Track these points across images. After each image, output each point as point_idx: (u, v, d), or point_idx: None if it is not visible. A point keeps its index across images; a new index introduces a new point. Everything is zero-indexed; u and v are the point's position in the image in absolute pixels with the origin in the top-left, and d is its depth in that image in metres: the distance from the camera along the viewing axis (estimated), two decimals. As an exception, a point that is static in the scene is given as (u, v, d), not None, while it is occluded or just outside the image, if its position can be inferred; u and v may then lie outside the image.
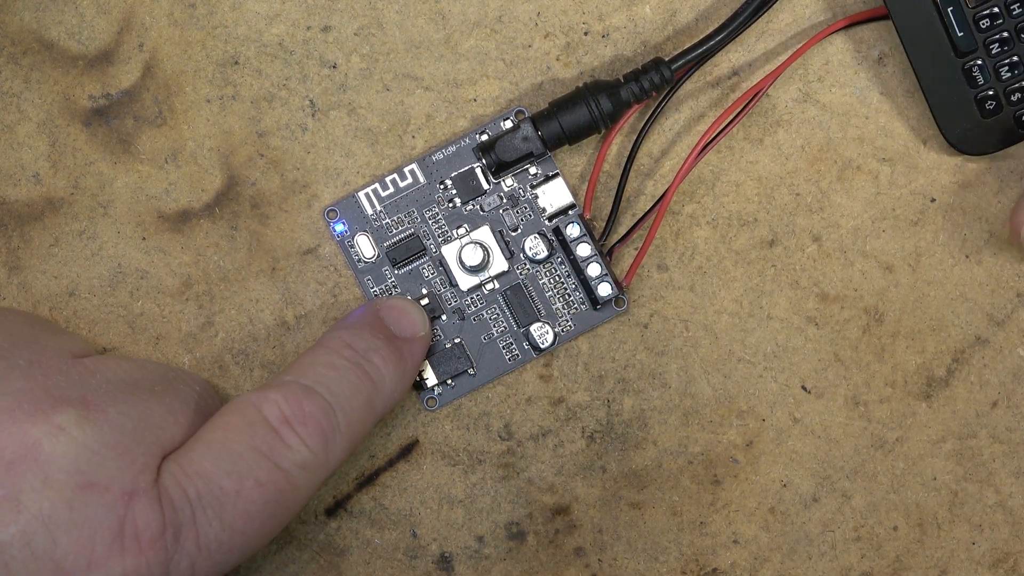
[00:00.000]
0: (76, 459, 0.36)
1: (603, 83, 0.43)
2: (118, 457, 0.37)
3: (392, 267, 0.44)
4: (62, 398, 0.37)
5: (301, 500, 0.40)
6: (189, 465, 0.38)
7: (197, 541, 0.37)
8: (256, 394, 0.40)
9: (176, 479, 0.37)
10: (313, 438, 0.39)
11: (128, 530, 0.36)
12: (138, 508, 0.36)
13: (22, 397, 0.37)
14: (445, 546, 0.45)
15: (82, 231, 0.45)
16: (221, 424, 0.39)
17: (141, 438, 0.38)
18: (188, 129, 0.45)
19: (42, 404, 0.37)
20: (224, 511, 0.38)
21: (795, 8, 0.44)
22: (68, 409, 0.37)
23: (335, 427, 0.40)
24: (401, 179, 0.44)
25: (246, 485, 0.38)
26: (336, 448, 0.40)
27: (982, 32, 0.42)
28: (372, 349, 0.41)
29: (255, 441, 0.39)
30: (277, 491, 0.39)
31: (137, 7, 0.45)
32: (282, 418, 0.39)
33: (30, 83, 0.45)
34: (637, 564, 0.45)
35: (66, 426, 0.37)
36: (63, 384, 0.38)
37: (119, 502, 0.36)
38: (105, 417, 0.37)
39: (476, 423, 0.45)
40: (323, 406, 0.40)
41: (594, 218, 0.45)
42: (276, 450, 0.39)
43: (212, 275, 0.45)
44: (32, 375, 0.38)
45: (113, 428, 0.37)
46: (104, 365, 0.40)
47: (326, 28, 0.45)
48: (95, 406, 0.38)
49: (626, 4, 0.44)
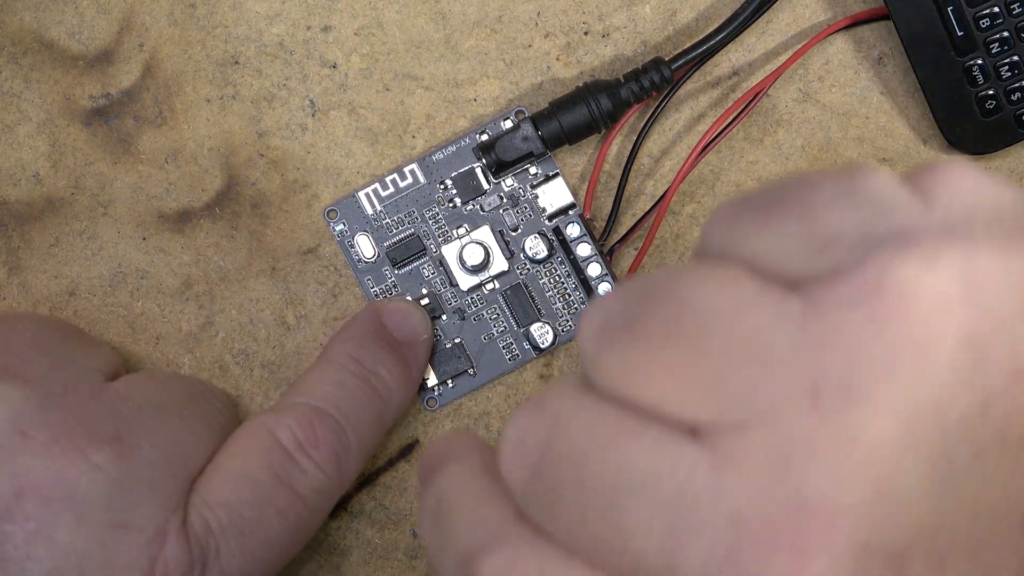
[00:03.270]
0: (111, 498, 0.37)
1: (603, 83, 0.43)
2: (151, 495, 0.37)
3: (392, 267, 0.44)
4: (98, 434, 0.38)
5: (318, 522, 0.40)
6: (211, 496, 0.38)
7: (221, 572, 0.38)
8: (269, 417, 0.40)
9: (199, 511, 0.38)
10: (327, 461, 0.40)
11: (159, 569, 0.37)
12: (169, 548, 0.37)
13: (59, 433, 0.37)
14: (445, 546, 0.45)
15: (82, 231, 0.45)
16: (239, 451, 0.39)
17: (173, 473, 0.38)
18: (188, 129, 0.45)
19: (79, 440, 0.37)
20: (246, 541, 0.38)
21: (795, 8, 0.44)
22: (104, 447, 0.37)
23: (347, 447, 0.40)
24: (401, 179, 0.44)
25: (267, 513, 0.38)
26: (349, 467, 0.40)
27: (982, 32, 0.42)
28: (379, 362, 0.42)
29: (273, 468, 0.39)
30: (296, 517, 0.39)
31: (137, 7, 0.45)
32: (296, 443, 0.39)
33: (30, 83, 0.45)
34: (637, 564, 0.44)
35: (102, 465, 0.37)
36: (98, 416, 0.38)
37: (152, 543, 0.37)
38: (139, 452, 0.38)
39: (476, 423, 0.45)
40: (335, 428, 0.40)
41: (594, 218, 0.45)
42: (293, 476, 0.39)
43: (212, 275, 0.45)
44: (68, 405, 0.38)
45: (146, 464, 0.38)
46: (134, 390, 0.40)
47: (326, 28, 0.45)
48: (129, 441, 0.38)
49: (626, 4, 0.44)
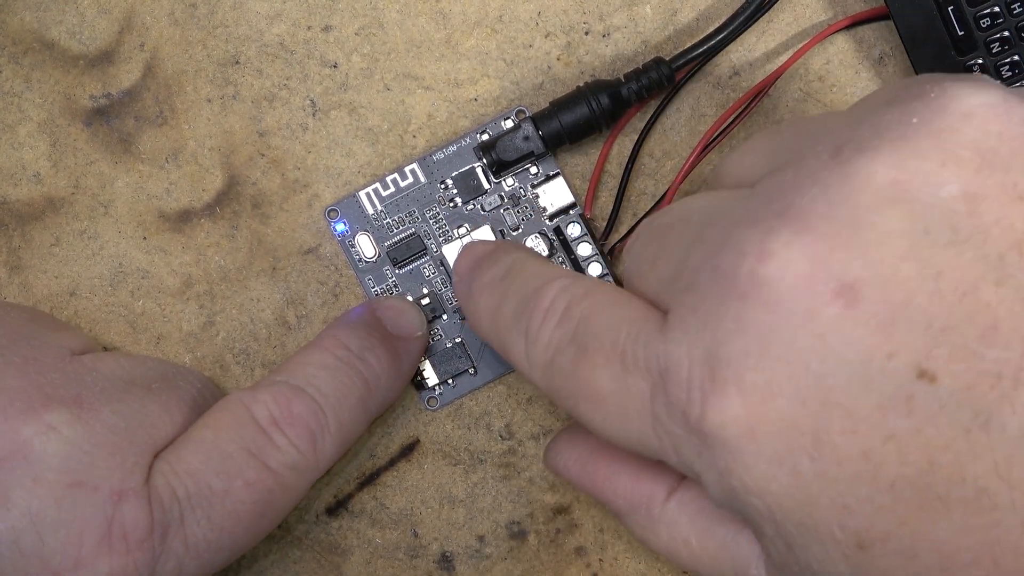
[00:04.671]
0: (66, 458, 0.36)
1: (604, 82, 0.43)
2: (109, 457, 0.37)
3: (393, 267, 0.44)
4: (55, 396, 0.37)
5: (291, 500, 0.40)
6: (179, 464, 0.38)
7: (185, 541, 0.37)
8: (246, 394, 0.40)
9: (166, 478, 0.38)
10: (302, 439, 0.39)
11: (116, 530, 0.36)
12: (127, 508, 0.37)
13: (15, 395, 0.37)
14: (446, 545, 0.45)
15: (83, 231, 0.45)
16: (211, 423, 0.39)
17: (134, 437, 0.38)
18: (189, 129, 0.45)
19: (35, 402, 0.37)
20: (213, 511, 0.38)
21: (795, 8, 0.44)
22: (60, 408, 0.37)
23: (324, 428, 0.40)
24: (402, 179, 0.44)
25: (235, 485, 0.38)
26: (326, 448, 0.40)
27: (982, 32, 0.42)
28: (367, 348, 0.41)
29: (245, 441, 0.39)
30: (266, 491, 0.39)
31: (138, 7, 0.45)
32: (271, 419, 0.39)
33: (31, 83, 0.45)
34: (638, 564, 0.45)
35: (57, 425, 0.37)
36: (58, 382, 0.38)
37: (108, 502, 0.36)
38: (98, 416, 0.38)
39: (477, 423, 0.45)
40: (312, 407, 0.40)
41: (595, 218, 0.45)
42: (265, 451, 0.39)
43: (213, 275, 0.45)
44: (27, 372, 0.38)
45: (105, 427, 0.38)
46: (103, 363, 0.40)
47: (327, 28, 0.45)
48: (88, 405, 0.38)
49: (627, 4, 0.44)
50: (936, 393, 0.30)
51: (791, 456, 0.31)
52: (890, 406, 0.30)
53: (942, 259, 0.30)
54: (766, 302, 0.31)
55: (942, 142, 0.31)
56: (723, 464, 0.32)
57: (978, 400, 0.29)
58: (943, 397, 0.29)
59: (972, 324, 0.30)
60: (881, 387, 0.30)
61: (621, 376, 0.34)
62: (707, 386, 0.31)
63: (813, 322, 0.30)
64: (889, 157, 0.31)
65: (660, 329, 0.33)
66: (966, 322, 0.30)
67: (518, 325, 0.37)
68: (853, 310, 0.30)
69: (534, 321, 0.36)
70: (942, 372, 0.29)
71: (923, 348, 0.30)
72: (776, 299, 0.30)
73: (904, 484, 0.30)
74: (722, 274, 0.31)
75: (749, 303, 0.31)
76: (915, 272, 0.30)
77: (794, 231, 0.31)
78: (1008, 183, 0.30)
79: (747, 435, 0.31)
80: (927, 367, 0.30)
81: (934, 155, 0.31)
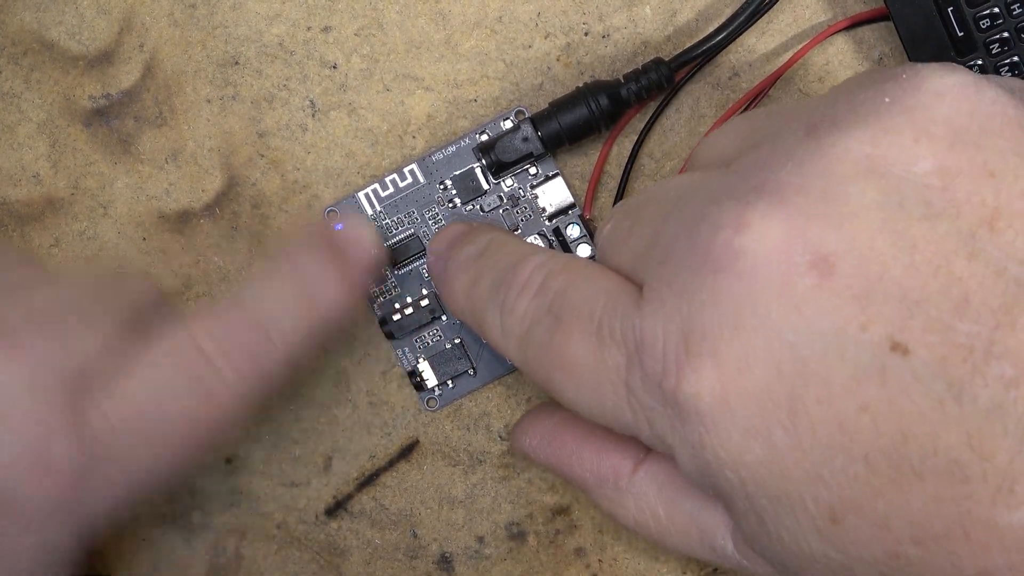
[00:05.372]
0: None
1: (603, 83, 0.43)
2: (36, 392, 0.36)
3: (392, 267, 0.44)
4: None
5: (233, 424, 0.39)
6: (116, 390, 0.37)
7: (121, 469, 0.37)
8: (190, 319, 0.39)
9: (100, 407, 0.37)
10: (244, 364, 0.38)
11: (44, 461, 0.36)
12: (58, 441, 0.36)
13: None
14: (445, 546, 0.45)
15: (82, 231, 0.45)
16: (151, 348, 0.38)
17: (63, 369, 0.37)
18: (188, 129, 0.45)
19: None
20: (149, 437, 0.37)
21: (795, 8, 0.44)
22: None
23: (267, 348, 0.39)
24: (401, 179, 0.44)
25: (174, 412, 0.38)
26: (269, 369, 0.39)
27: (982, 32, 0.42)
28: (312, 261, 0.40)
29: (185, 369, 0.38)
30: (206, 418, 0.38)
31: (137, 7, 0.45)
32: (213, 344, 0.38)
33: (30, 83, 0.45)
34: (638, 564, 0.44)
35: None
36: None
37: (38, 436, 0.36)
38: (24, 352, 0.37)
39: (476, 423, 0.45)
40: (256, 330, 0.39)
41: (594, 219, 0.44)
42: (206, 378, 0.38)
43: (212, 275, 0.45)
44: None
45: (32, 362, 0.37)
46: (33, 291, 0.39)
47: (326, 28, 0.45)
48: (14, 341, 0.37)
49: (626, 4, 0.44)
50: (910, 365, 0.30)
51: (766, 427, 0.31)
52: (864, 376, 0.30)
53: (916, 233, 0.30)
54: (741, 273, 0.31)
55: (915, 119, 0.32)
56: (697, 436, 0.32)
57: (951, 372, 0.30)
58: (917, 369, 0.30)
59: (945, 297, 0.30)
60: (856, 358, 0.30)
61: (596, 348, 0.34)
62: (682, 358, 0.32)
63: (788, 293, 0.30)
64: (863, 132, 0.32)
65: (636, 302, 0.33)
66: (939, 295, 0.30)
67: (495, 299, 0.37)
68: (828, 281, 0.30)
69: (511, 294, 0.37)
70: (915, 344, 0.30)
71: (897, 320, 0.30)
72: (751, 271, 0.31)
73: (878, 455, 0.30)
74: (697, 246, 0.32)
75: (724, 275, 0.31)
76: (890, 245, 0.30)
77: (769, 203, 0.31)
78: (979, 160, 0.31)
79: (721, 406, 0.31)
80: (900, 339, 0.30)
81: (908, 131, 0.31)
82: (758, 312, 0.31)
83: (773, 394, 0.31)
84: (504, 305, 0.37)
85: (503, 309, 0.37)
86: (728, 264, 0.31)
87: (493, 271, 0.38)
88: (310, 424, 0.45)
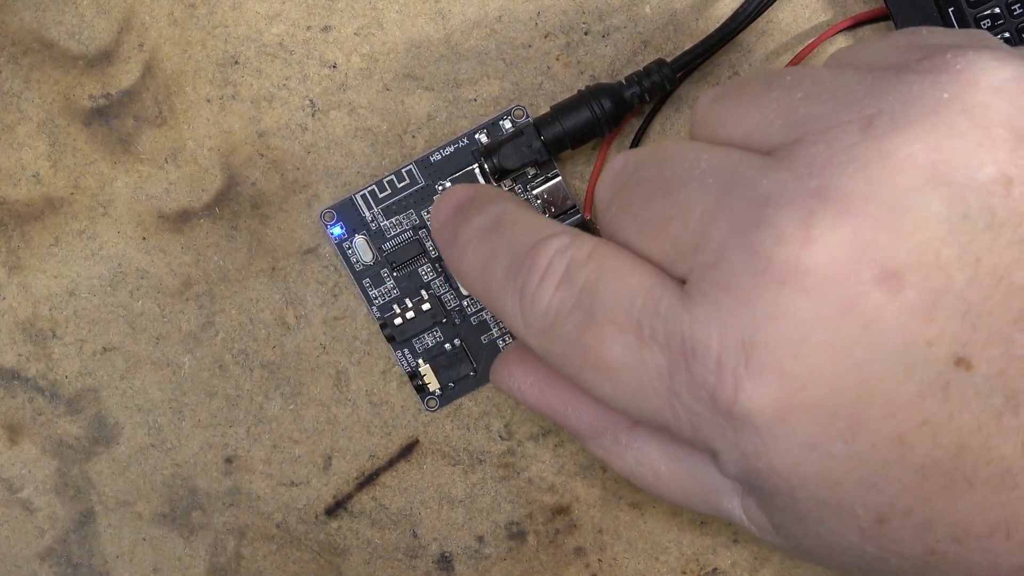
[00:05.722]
0: None
1: (606, 86, 0.43)
2: None
3: (391, 269, 0.44)
4: None
5: None
6: None
7: None
8: None
9: None
10: None
11: None
12: None
13: None
14: (445, 546, 0.45)
15: (82, 231, 0.45)
16: None
17: None
18: (188, 129, 0.45)
19: None
20: None
21: (795, 8, 0.44)
22: None
23: None
24: (399, 180, 0.44)
25: None
26: None
27: (983, 33, 0.42)
28: None
29: None
30: None
31: (137, 7, 0.45)
32: None
33: (30, 83, 0.45)
34: (637, 564, 0.45)
35: None
36: None
37: None
38: None
39: (476, 423, 0.45)
40: None
41: (594, 220, 0.44)
42: None
43: (212, 275, 0.45)
44: None
45: None
46: None
47: (326, 28, 0.44)
48: None
49: (626, 4, 0.44)
50: (971, 379, 0.30)
51: (824, 440, 0.31)
52: (928, 392, 0.30)
53: (980, 244, 0.30)
54: (808, 289, 0.30)
55: (976, 121, 0.31)
56: (750, 447, 0.31)
57: (1010, 384, 0.30)
58: (978, 383, 0.30)
59: (1007, 309, 0.30)
60: (921, 374, 0.30)
61: (636, 348, 0.33)
62: (741, 371, 0.31)
63: (857, 310, 0.30)
64: (926, 136, 0.30)
65: (680, 301, 0.32)
66: (1002, 307, 0.30)
67: (512, 284, 0.35)
68: (897, 297, 0.30)
69: (530, 282, 0.35)
70: (977, 359, 0.30)
71: (961, 335, 0.30)
72: (818, 286, 0.30)
73: (933, 465, 0.30)
74: (758, 256, 0.31)
75: (789, 289, 0.30)
76: (955, 258, 0.30)
77: (835, 214, 0.30)
78: None
79: (780, 421, 0.31)
80: (964, 354, 0.30)
81: (971, 135, 0.30)
82: (826, 329, 0.30)
83: (835, 409, 0.30)
84: (523, 293, 0.35)
85: (522, 298, 0.35)
86: (794, 278, 0.30)
87: (508, 251, 0.36)
88: (310, 424, 0.45)
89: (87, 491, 0.46)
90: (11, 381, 0.45)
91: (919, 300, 0.30)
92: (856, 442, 0.30)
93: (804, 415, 0.30)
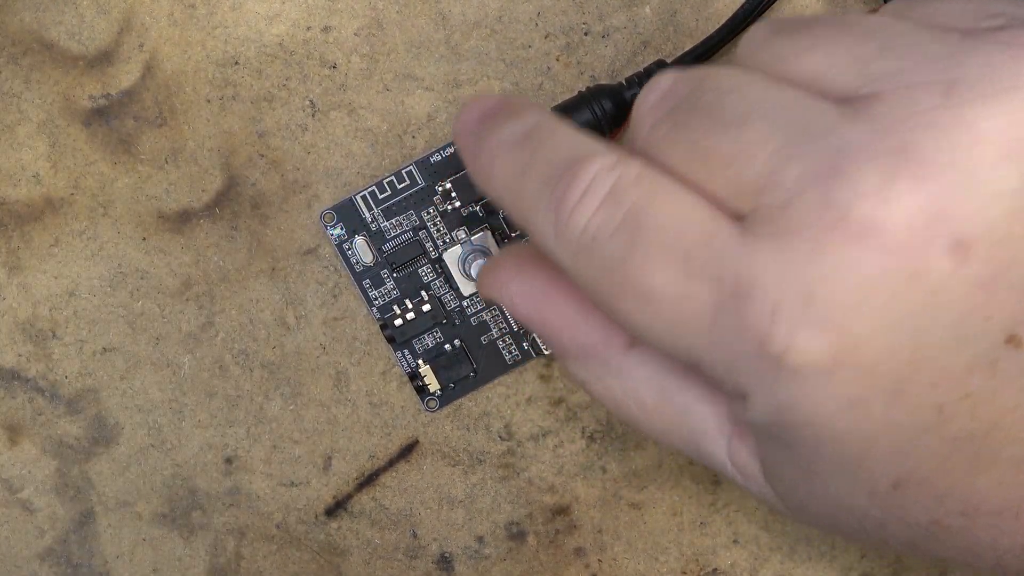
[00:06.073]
0: None
1: (606, 87, 0.43)
2: None
3: (391, 270, 0.44)
4: None
5: None
6: None
7: None
8: None
9: None
10: None
11: None
12: None
13: None
14: (445, 546, 0.45)
15: (82, 231, 0.45)
16: None
17: None
18: (188, 129, 0.45)
19: None
20: None
21: (795, 8, 0.44)
22: None
23: None
24: (399, 181, 0.44)
25: None
26: None
27: (983, 34, 0.42)
28: None
29: None
30: None
31: (137, 7, 0.44)
32: None
33: (30, 83, 0.45)
34: (637, 564, 0.45)
35: None
36: None
37: None
38: None
39: (476, 423, 0.45)
40: None
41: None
42: None
43: (212, 275, 0.45)
44: None
45: None
46: None
47: (326, 28, 0.44)
48: None
49: (626, 4, 0.44)
50: (1018, 358, 0.30)
51: (866, 400, 0.30)
52: (976, 367, 0.30)
53: None
54: (880, 249, 0.29)
55: None
56: (789, 396, 0.31)
57: None
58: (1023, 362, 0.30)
59: None
60: (974, 348, 0.30)
61: (682, 280, 0.31)
62: (798, 320, 0.30)
63: (925, 276, 0.29)
64: (1007, 111, 0.30)
65: (737, 240, 0.31)
66: None
67: (547, 197, 0.33)
68: (963, 268, 0.29)
69: (570, 197, 0.32)
70: None
71: (1018, 313, 0.30)
72: (890, 247, 0.29)
73: (966, 439, 0.30)
74: (833, 207, 0.30)
75: (861, 246, 0.29)
76: (1021, 232, 0.30)
77: (916, 177, 0.29)
78: None
79: (827, 375, 0.30)
80: (1016, 332, 0.30)
81: None
82: (891, 291, 0.30)
83: (884, 371, 0.30)
84: (560, 209, 0.32)
85: (559, 213, 0.32)
86: (868, 235, 0.29)
87: (546, 163, 0.33)
88: (310, 424, 0.45)
89: (87, 491, 0.46)
90: (11, 381, 0.45)
91: (985, 273, 0.29)
92: (897, 406, 0.30)
93: (852, 373, 0.30)
